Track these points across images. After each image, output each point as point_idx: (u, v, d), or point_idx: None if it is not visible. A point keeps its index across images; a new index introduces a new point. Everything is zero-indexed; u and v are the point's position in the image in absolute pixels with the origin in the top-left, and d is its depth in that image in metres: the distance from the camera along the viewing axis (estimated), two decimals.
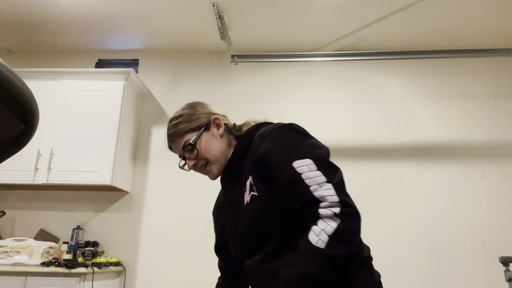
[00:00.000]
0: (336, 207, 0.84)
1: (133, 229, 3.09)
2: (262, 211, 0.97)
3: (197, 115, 1.13)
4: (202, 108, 1.17)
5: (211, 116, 1.15)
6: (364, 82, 3.33)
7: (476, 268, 2.85)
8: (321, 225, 0.84)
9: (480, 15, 2.93)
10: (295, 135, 0.99)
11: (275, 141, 0.98)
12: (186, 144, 1.09)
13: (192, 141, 1.08)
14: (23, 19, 3.11)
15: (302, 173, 0.89)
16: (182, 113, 1.14)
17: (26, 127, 0.37)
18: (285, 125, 1.03)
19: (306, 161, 0.91)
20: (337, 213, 0.84)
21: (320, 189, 0.86)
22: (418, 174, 3.08)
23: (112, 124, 2.96)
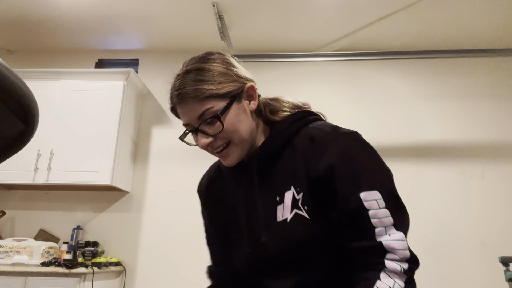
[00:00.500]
0: (405, 262, 0.74)
1: (133, 229, 3.09)
2: (311, 238, 0.81)
3: (230, 77, 0.85)
4: (236, 68, 0.89)
5: (245, 83, 0.88)
6: (364, 82, 3.33)
7: (476, 268, 2.85)
8: (387, 281, 0.73)
9: (480, 15, 2.93)
10: (365, 153, 0.83)
11: (342, 158, 0.80)
12: (208, 114, 0.81)
13: (219, 112, 0.81)
14: (23, 19, 3.11)
15: (369, 209, 0.76)
16: (209, 66, 0.84)
17: (26, 127, 0.37)
18: (350, 133, 0.85)
19: (375, 194, 0.78)
20: (406, 270, 0.74)
21: (387, 237, 0.75)
22: (418, 174, 3.08)
23: (112, 124, 2.96)
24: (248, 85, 0.89)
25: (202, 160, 3.20)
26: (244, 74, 0.90)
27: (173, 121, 3.34)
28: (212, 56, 0.87)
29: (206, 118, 0.82)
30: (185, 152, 3.25)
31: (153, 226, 3.09)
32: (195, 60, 0.87)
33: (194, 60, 0.87)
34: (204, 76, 0.82)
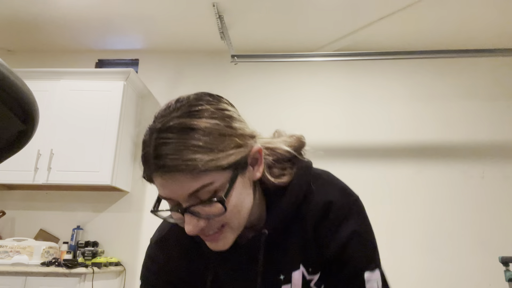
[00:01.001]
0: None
1: (133, 229, 3.09)
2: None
3: (233, 139, 0.63)
4: (239, 122, 0.67)
5: (252, 144, 0.67)
6: (364, 82, 3.33)
7: (476, 268, 2.85)
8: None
9: (480, 15, 2.93)
10: (370, 231, 0.77)
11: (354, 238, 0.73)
12: (205, 192, 0.61)
13: (223, 193, 0.61)
14: (23, 19, 3.11)
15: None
16: (203, 124, 0.61)
17: (26, 127, 0.37)
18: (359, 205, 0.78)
19: (376, 274, 0.73)
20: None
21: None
22: (418, 174, 3.08)
23: (112, 124, 2.96)
24: (255, 148, 0.67)
25: None
26: (248, 130, 0.68)
27: None
28: (204, 107, 0.63)
29: (202, 197, 0.61)
30: None
31: (153, 226, 3.07)
32: (180, 111, 0.62)
33: (180, 110, 0.62)
34: (197, 140, 0.59)
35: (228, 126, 0.63)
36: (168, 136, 0.59)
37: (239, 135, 0.64)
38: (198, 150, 0.58)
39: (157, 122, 0.62)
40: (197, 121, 0.60)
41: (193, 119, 0.60)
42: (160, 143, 0.59)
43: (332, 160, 3.14)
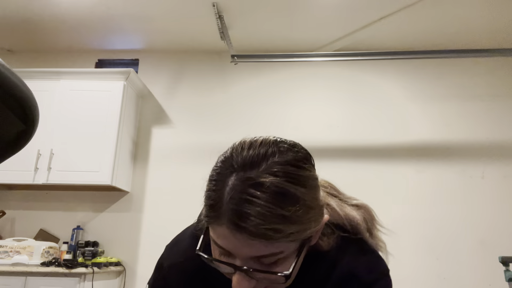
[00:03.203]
0: None
1: (133, 229, 3.09)
2: None
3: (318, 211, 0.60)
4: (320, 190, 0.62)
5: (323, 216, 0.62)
6: (364, 82, 3.33)
7: (476, 268, 2.85)
8: None
9: (480, 15, 2.93)
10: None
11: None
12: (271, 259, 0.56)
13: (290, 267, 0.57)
14: (23, 19, 3.11)
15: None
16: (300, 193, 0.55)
17: (26, 127, 0.37)
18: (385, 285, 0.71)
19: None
20: None
21: None
22: (418, 174, 3.08)
23: (112, 124, 2.96)
24: (324, 219, 0.62)
25: (202, 160, 3.21)
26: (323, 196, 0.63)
27: (173, 121, 3.34)
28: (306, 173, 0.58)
29: (265, 262, 0.56)
30: (185, 152, 3.25)
31: (153, 226, 3.09)
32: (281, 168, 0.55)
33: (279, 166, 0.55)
34: (288, 210, 0.53)
35: (315, 198, 0.58)
36: (258, 195, 0.52)
37: (320, 207, 0.60)
38: (284, 221, 0.53)
39: (245, 166, 0.55)
40: (296, 190, 0.55)
41: (294, 186, 0.55)
42: (246, 199, 0.53)
43: (332, 160, 3.14)
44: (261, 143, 0.58)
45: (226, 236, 0.55)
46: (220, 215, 0.54)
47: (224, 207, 0.54)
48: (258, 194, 0.52)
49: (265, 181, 0.53)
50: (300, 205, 0.54)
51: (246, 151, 0.57)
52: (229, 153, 0.60)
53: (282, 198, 0.53)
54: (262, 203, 0.52)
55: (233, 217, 0.53)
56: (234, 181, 0.54)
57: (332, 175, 3.09)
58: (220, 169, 0.59)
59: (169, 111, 3.37)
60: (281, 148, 0.58)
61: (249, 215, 0.52)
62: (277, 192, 0.53)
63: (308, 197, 0.56)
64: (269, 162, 0.55)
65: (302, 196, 0.55)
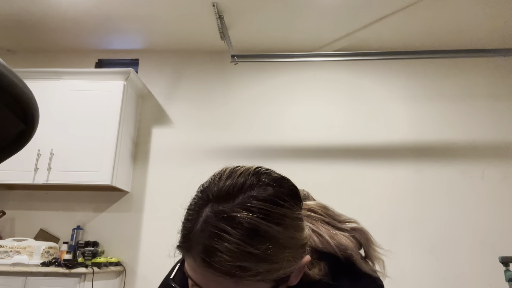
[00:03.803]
0: None
1: (133, 229, 3.09)
2: None
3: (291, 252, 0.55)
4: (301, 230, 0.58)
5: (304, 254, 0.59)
6: (364, 82, 3.33)
7: (476, 268, 2.85)
8: None
9: (480, 15, 2.93)
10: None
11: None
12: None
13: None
14: (23, 19, 3.11)
15: None
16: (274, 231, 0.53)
17: (26, 127, 0.37)
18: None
19: None
20: None
21: None
22: (418, 174, 3.08)
23: (112, 124, 2.96)
24: (305, 260, 0.58)
25: (202, 161, 3.21)
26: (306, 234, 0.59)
27: (173, 121, 3.34)
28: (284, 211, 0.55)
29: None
30: (185, 152, 3.25)
31: (153, 226, 3.09)
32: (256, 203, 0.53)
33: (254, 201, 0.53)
34: (258, 249, 0.51)
35: (292, 237, 0.55)
36: (229, 230, 0.51)
37: (300, 246, 0.56)
38: (253, 259, 0.51)
39: (220, 198, 0.53)
40: (270, 227, 0.52)
41: (267, 223, 0.52)
42: (215, 234, 0.51)
43: (332, 160, 3.14)
44: (241, 174, 0.56)
45: (195, 269, 0.54)
46: (190, 247, 0.53)
47: (195, 239, 0.53)
48: (229, 230, 0.51)
49: (237, 216, 0.51)
50: (272, 244, 0.51)
51: (224, 181, 0.55)
52: (208, 183, 0.58)
53: (253, 235, 0.51)
54: (232, 239, 0.50)
55: (202, 251, 0.51)
56: (208, 213, 0.53)
57: (332, 175, 3.12)
58: (196, 198, 0.57)
59: (169, 111, 3.37)
60: (261, 181, 0.55)
61: (217, 251, 0.50)
62: (248, 229, 0.51)
63: (283, 236, 0.53)
64: (245, 195, 0.53)
65: (276, 234, 0.52)
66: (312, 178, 3.06)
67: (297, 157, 3.16)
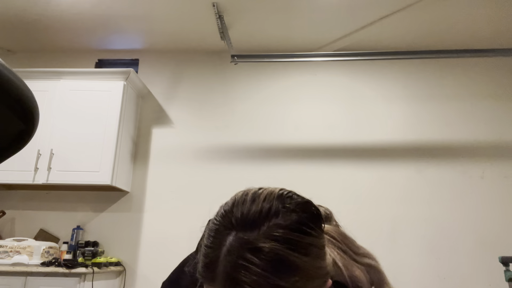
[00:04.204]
0: None
1: (133, 229, 3.09)
2: None
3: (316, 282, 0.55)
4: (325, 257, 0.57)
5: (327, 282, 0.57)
6: (364, 82, 3.33)
7: (476, 268, 2.85)
8: None
9: (480, 15, 2.93)
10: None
11: None
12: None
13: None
14: (23, 19, 3.11)
15: None
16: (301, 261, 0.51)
17: (26, 127, 0.37)
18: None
19: None
20: None
21: None
22: (418, 174, 3.08)
23: (112, 124, 2.96)
24: (328, 283, 0.57)
25: (202, 161, 3.21)
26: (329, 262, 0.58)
27: (173, 121, 3.34)
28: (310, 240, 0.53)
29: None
30: (185, 152, 3.25)
31: (153, 226, 3.09)
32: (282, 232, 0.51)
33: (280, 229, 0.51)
34: (285, 281, 0.50)
35: (319, 267, 0.54)
36: (255, 261, 0.49)
37: (324, 275, 0.55)
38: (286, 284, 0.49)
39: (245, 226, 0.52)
40: (297, 258, 0.51)
41: (294, 254, 0.50)
42: (242, 265, 0.49)
43: (332, 160, 3.14)
44: (265, 198, 0.54)
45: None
46: (214, 277, 0.52)
47: (219, 270, 0.51)
48: (256, 261, 0.49)
49: (264, 247, 0.49)
50: (300, 276, 0.50)
51: (248, 206, 0.53)
52: (230, 207, 0.55)
53: (281, 267, 0.49)
54: (259, 271, 0.49)
55: (228, 283, 0.50)
56: (232, 242, 0.51)
57: (332, 175, 3.13)
58: (219, 224, 0.54)
59: (169, 111, 3.37)
60: (285, 206, 0.53)
61: (244, 283, 0.49)
62: (276, 260, 0.49)
63: (310, 266, 0.52)
64: (271, 223, 0.51)
65: (303, 265, 0.51)
66: (312, 178, 3.07)
67: (297, 157, 3.16)
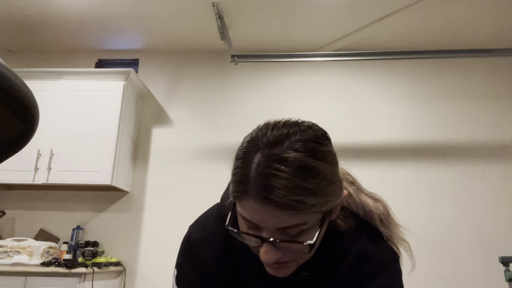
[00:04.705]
0: None
1: (133, 229, 3.09)
2: None
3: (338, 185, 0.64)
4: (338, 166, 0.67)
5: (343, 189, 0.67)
6: (364, 82, 3.33)
7: (476, 268, 2.85)
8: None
9: (480, 15, 2.93)
10: None
11: None
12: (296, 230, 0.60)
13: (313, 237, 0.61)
14: (23, 19, 3.11)
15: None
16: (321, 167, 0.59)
17: (26, 127, 0.37)
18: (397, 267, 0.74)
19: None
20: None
21: None
22: (418, 174, 3.08)
23: (112, 124, 2.96)
24: (344, 194, 0.66)
25: (202, 160, 3.21)
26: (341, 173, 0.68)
27: (173, 121, 3.34)
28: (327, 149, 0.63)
29: (290, 233, 0.60)
30: (185, 152, 3.25)
31: (153, 226, 3.09)
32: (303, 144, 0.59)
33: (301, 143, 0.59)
34: (311, 183, 0.57)
35: (335, 173, 0.63)
36: (282, 169, 0.56)
37: (340, 182, 0.64)
38: (308, 193, 0.57)
39: (270, 144, 0.59)
40: (318, 164, 0.58)
41: (316, 161, 0.58)
42: (271, 174, 0.56)
43: None
44: (284, 124, 0.62)
45: (254, 210, 0.59)
46: (247, 189, 0.58)
47: (251, 182, 0.58)
48: (283, 168, 0.56)
49: (288, 156, 0.57)
50: (322, 178, 0.58)
51: (270, 131, 0.61)
52: (254, 134, 0.63)
53: (305, 171, 0.57)
54: (287, 176, 0.56)
55: (260, 190, 0.57)
56: (260, 158, 0.58)
57: None
58: (246, 148, 0.62)
59: (169, 111, 3.37)
60: (301, 127, 0.62)
61: (275, 188, 0.56)
62: (300, 166, 0.57)
63: (329, 171, 0.60)
64: (291, 140, 0.59)
65: (324, 170, 0.59)
66: None
67: None
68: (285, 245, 0.60)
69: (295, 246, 0.61)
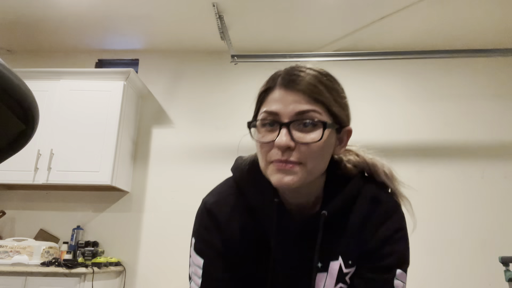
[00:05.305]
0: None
1: (133, 229, 3.09)
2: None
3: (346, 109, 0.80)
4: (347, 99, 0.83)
5: (349, 123, 0.81)
6: (364, 82, 3.33)
7: (476, 268, 2.85)
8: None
9: (480, 15, 2.93)
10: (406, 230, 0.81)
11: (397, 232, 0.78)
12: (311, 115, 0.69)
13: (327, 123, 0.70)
14: (23, 19, 3.11)
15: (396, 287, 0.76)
16: (341, 87, 0.79)
17: (26, 127, 0.37)
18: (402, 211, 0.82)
19: (404, 275, 0.77)
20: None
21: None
22: (418, 174, 3.08)
23: (112, 124, 2.95)
24: (349, 127, 0.80)
25: (202, 161, 3.21)
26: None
27: (173, 121, 3.34)
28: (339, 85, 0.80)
29: (306, 118, 0.69)
30: (185, 152, 3.25)
31: (153, 226, 3.09)
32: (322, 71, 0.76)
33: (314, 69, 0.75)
34: (333, 86, 0.74)
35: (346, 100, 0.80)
36: (305, 70, 0.72)
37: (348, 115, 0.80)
38: (326, 86, 0.72)
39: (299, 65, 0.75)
40: (334, 79, 0.76)
41: (331, 77, 0.76)
42: (296, 69, 0.73)
43: None
44: None
45: (277, 98, 0.71)
46: (275, 83, 0.73)
47: (280, 77, 0.73)
48: (305, 69, 0.73)
49: (310, 68, 0.74)
50: (337, 85, 0.77)
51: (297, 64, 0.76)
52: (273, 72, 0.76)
53: (324, 75, 0.74)
54: (310, 72, 0.72)
55: (286, 78, 0.72)
56: (283, 75, 0.73)
57: None
58: (268, 77, 0.76)
59: (169, 111, 3.37)
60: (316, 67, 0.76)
61: (299, 76, 0.71)
62: (320, 72, 0.74)
63: (341, 89, 0.78)
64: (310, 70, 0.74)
65: (337, 86, 0.77)
66: None
67: None
68: (298, 135, 0.69)
69: (309, 131, 0.69)
